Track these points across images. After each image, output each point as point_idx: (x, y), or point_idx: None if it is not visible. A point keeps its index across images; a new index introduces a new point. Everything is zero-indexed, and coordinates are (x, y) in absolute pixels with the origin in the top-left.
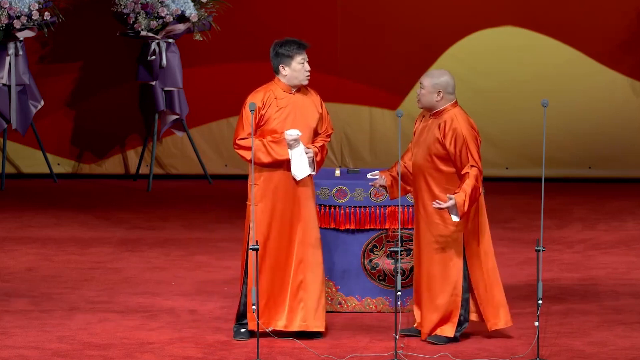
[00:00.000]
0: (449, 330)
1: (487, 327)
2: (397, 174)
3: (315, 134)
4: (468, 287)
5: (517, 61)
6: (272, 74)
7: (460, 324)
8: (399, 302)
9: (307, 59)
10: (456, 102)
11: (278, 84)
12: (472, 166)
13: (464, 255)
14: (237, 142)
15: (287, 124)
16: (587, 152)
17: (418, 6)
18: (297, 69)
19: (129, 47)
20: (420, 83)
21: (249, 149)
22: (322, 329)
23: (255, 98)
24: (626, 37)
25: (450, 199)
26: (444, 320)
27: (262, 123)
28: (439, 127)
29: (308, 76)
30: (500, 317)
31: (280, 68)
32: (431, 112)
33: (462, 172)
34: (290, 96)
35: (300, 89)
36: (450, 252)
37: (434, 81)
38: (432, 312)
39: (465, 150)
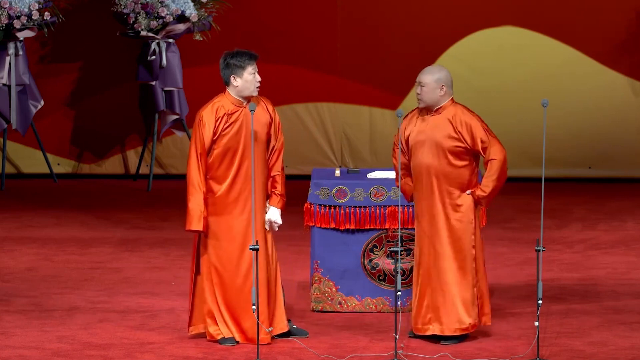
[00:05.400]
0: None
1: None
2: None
3: (267, 145)
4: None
5: (517, 61)
6: (271, 74)
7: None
8: (399, 302)
9: (257, 70)
10: (453, 99)
11: (228, 97)
12: (498, 151)
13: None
14: (188, 168)
15: (240, 138)
16: (587, 152)
17: (418, 6)
18: (248, 79)
19: (129, 47)
20: (419, 82)
21: (192, 184)
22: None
23: (208, 114)
24: (626, 37)
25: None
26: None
27: (216, 138)
28: (450, 123)
29: (258, 87)
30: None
31: (232, 79)
32: (433, 109)
33: (490, 159)
34: (240, 109)
35: (249, 100)
36: (466, 248)
37: (435, 77)
38: (453, 312)
39: (488, 137)
